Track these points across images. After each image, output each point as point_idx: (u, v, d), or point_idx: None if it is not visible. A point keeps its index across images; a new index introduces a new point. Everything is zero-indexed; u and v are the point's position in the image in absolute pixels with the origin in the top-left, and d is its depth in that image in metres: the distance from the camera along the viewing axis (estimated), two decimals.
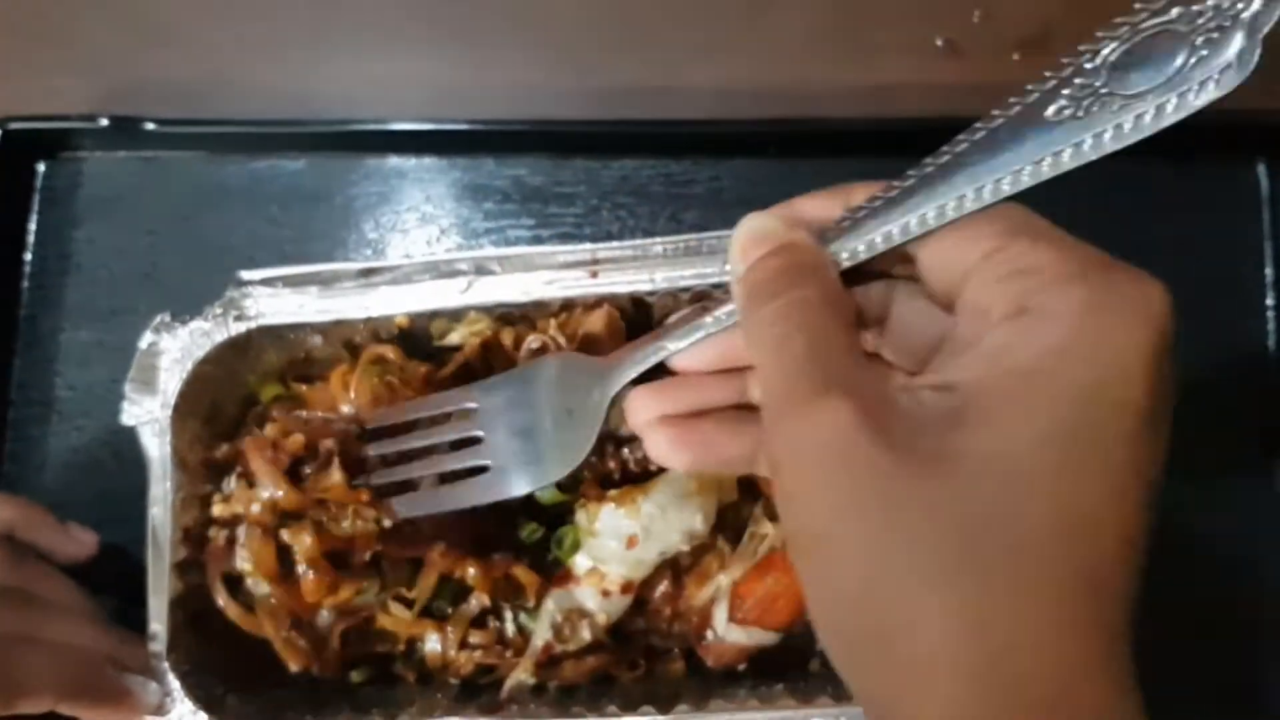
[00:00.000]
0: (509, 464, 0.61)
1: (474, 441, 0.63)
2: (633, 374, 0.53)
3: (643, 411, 0.51)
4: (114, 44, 0.97)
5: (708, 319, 0.50)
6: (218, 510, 0.77)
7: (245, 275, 0.77)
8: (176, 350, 0.77)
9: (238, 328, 0.77)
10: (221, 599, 0.76)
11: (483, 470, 0.63)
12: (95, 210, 0.95)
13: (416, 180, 0.94)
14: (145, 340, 0.77)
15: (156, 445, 0.76)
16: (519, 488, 0.61)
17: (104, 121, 0.92)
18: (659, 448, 0.51)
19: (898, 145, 0.97)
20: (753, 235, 0.46)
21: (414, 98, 0.95)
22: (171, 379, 0.77)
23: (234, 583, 0.77)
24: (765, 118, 0.91)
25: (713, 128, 0.92)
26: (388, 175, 0.94)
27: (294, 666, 0.77)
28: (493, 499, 0.63)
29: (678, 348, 0.50)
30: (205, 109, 0.93)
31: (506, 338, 0.77)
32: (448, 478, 0.67)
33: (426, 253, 0.93)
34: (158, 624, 0.75)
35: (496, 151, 0.94)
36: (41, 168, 0.95)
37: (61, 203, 0.95)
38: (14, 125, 0.92)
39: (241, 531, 0.77)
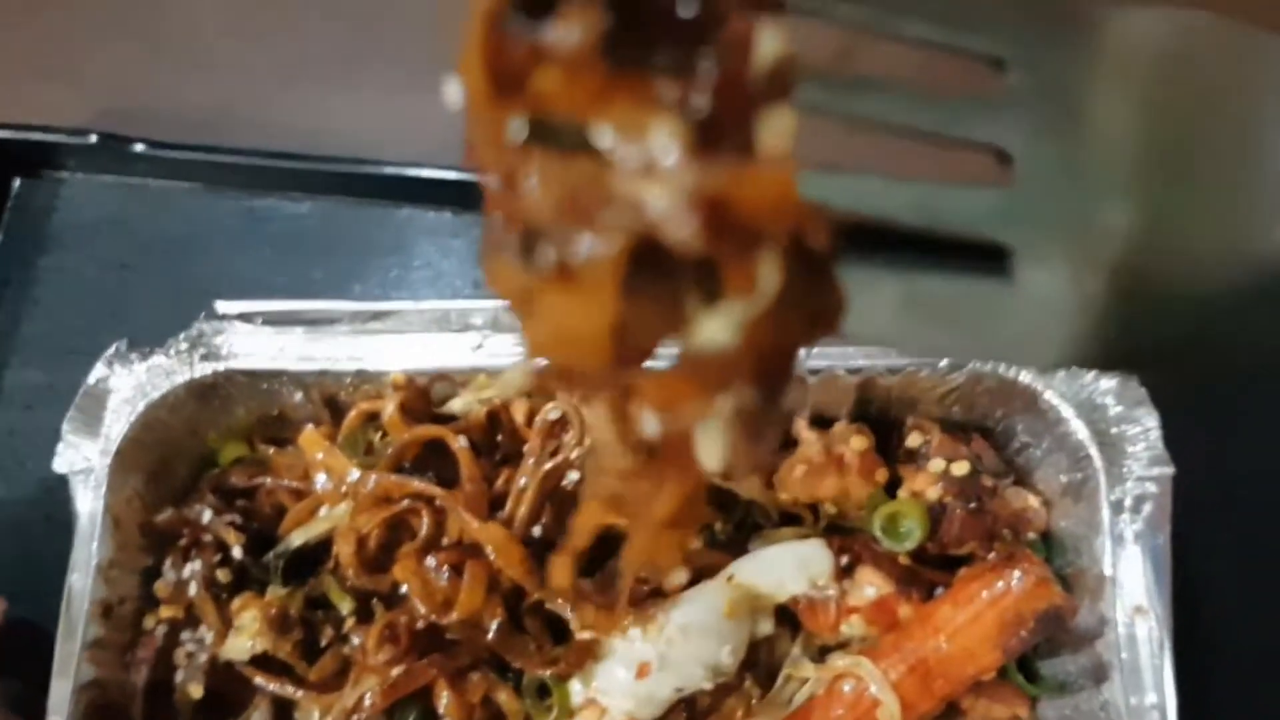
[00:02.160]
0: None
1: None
2: None
3: None
4: (117, 55, 0.88)
5: None
6: (162, 594, 0.65)
7: (221, 306, 0.66)
8: (128, 388, 0.66)
9: (204, 368, 0.66)
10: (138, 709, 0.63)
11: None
12: (69, 237, 0.85)
13: (432, 234, 0.83)
14: (94, 374, 0.66)
15: (89, 499, 0.64)
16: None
17: (93, 138, 0.82)
18: None
19: None
20: None
21: (438, 142, 0.85)
22: (118, 421, 0.65)
23: (160, 691, 0.64)
24: None
25: None
26: (400, 225, 0.83)
27: None
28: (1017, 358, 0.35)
29: None
30: (205, 135, 0.83)
31: (518, 411, 0.66)
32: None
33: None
34: (56, 717, 0.61)
35: None
36: (16, 184, 0.86)
37: (33, 225, 0.85)
38: None
39: (185, 635, 0.65)
